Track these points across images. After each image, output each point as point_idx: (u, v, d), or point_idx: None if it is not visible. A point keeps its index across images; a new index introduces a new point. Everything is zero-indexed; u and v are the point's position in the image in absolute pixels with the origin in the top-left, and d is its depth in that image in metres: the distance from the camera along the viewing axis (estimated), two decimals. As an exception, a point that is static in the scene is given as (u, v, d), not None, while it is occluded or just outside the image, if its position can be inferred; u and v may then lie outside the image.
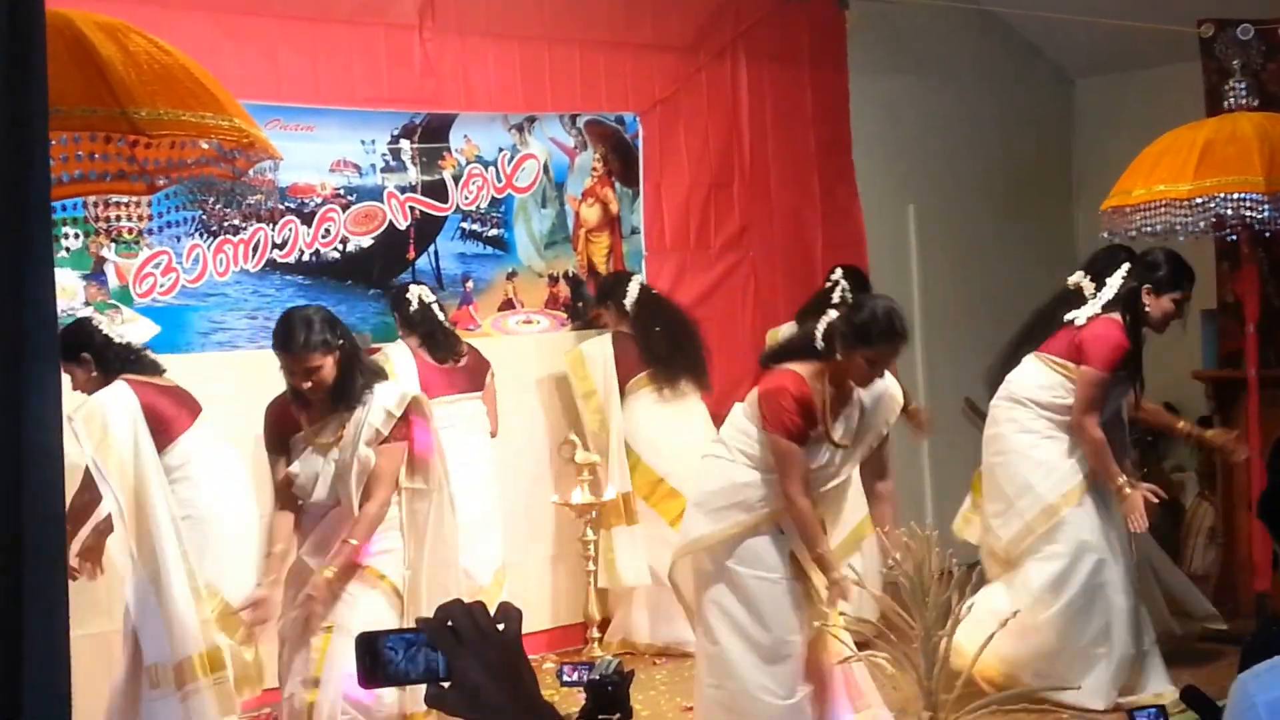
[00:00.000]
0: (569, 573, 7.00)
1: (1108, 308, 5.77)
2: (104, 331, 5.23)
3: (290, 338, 4.87)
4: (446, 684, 1.61)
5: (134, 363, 5.20)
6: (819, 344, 4.88)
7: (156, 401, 5.12)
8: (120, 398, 5.02)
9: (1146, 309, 5.69)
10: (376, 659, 1.61)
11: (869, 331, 4.74)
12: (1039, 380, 5.83)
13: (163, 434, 5.10)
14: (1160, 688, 5.63)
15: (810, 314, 5.62)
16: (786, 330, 6.48)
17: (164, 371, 5.30)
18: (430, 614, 1.64)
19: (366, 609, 4.86)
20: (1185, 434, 6.40)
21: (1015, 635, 5.28)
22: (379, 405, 4.95)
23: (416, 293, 6.49)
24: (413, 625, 1.64)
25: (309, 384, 4.87)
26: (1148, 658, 5.76)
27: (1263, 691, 2.22)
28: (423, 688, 1.63)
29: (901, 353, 4.91)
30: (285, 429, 5.07)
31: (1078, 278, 5.97)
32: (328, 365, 4.88)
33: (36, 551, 2.14)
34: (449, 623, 1.62)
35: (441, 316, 6.55)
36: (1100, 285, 5.84)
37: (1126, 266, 5.83)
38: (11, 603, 2.10)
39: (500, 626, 1.64)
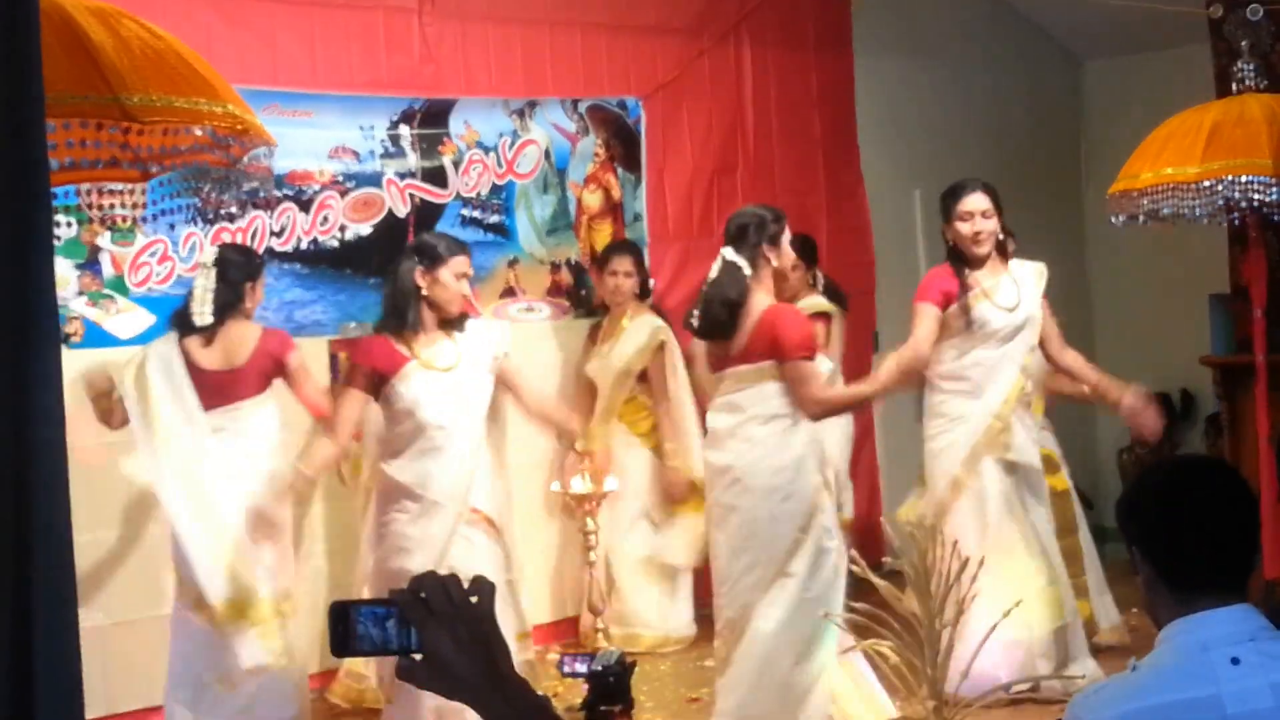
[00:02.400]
0: (572, 563, 6.95)
1: None
2: None
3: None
4: (418, 656, 1.61)
5: None
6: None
7: None
8: None
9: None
10: (349, 629, 1.61)
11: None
12: None
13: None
14: None
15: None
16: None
17: None
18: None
19: (482, 550, 5.07)
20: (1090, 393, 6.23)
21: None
22: (496, 334, 5.38)
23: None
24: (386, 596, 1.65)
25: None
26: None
27: (1089, 714, 2.25)
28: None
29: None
30: (395, 362, 5.15)
31: None
32: None
33: (43, 543, 2.12)
34: (422, 594, 1.61)
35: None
36: None
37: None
38: (21, 597, 2.07)
39: (473, 600, 1.63)
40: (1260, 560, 2.44)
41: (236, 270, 5.50)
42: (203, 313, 5.39)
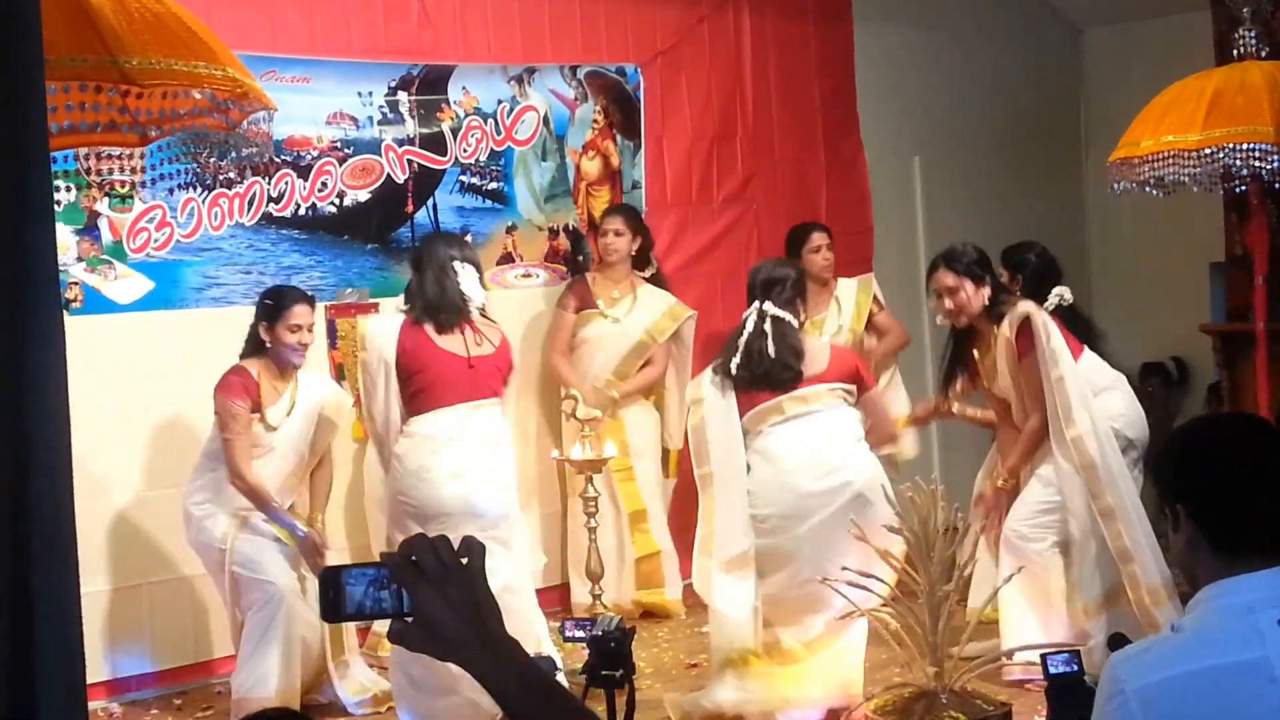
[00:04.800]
0: (575, 530, 6.94)
1: None
2: None
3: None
4: (409, 619, 1.61)
5: None
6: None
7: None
8: None
9: None
10: (340, 593, 1.61)
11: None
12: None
13: None
14: None
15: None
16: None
17: None
18: None
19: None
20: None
21: None
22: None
23: None
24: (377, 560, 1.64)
25: None
26: None
27: (1134, 678, 2.18)
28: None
29: None
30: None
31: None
32: None
33: (43, 505, 2.11)
34: (412, 557, 1.61)
35: None
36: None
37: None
38: (20, 558, 2.07)
39: (463, 560, 1.63)
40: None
41: None
42: None
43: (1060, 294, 6.01)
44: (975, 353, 5.69)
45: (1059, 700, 3.64)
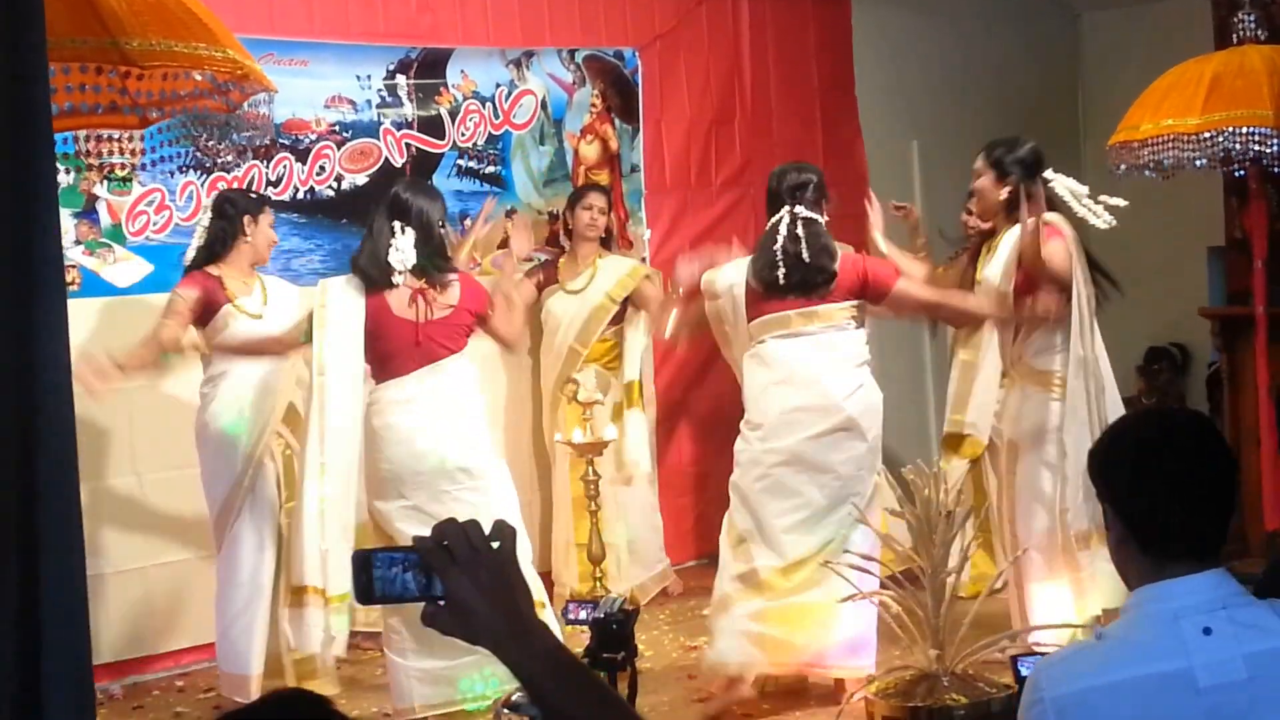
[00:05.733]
0: (544, 516, 6.94)
1: None
2: None
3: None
4: (441, 603, 1.61)
5: None
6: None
7: None
8: None
9: None
10: (371, 577, 1.62)
11: None
12: None
13: None
14: None
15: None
16: None
17: None
18: None
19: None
20: None
21: None
22: None
23: None
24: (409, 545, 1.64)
25: None
26: None
27: (1052, 686, 2.14)
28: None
29: None
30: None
31: None
32: None
33: (49, 487, 2.11)
34: (444, 541, 1.61)
35: None
36: None
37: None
38: (28, 541, 2.07)
39: (495, 545, 1.62)
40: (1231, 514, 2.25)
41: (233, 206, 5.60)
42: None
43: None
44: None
45: None
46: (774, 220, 5.33)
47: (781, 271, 5.22)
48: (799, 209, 5.28)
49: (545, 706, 1.62)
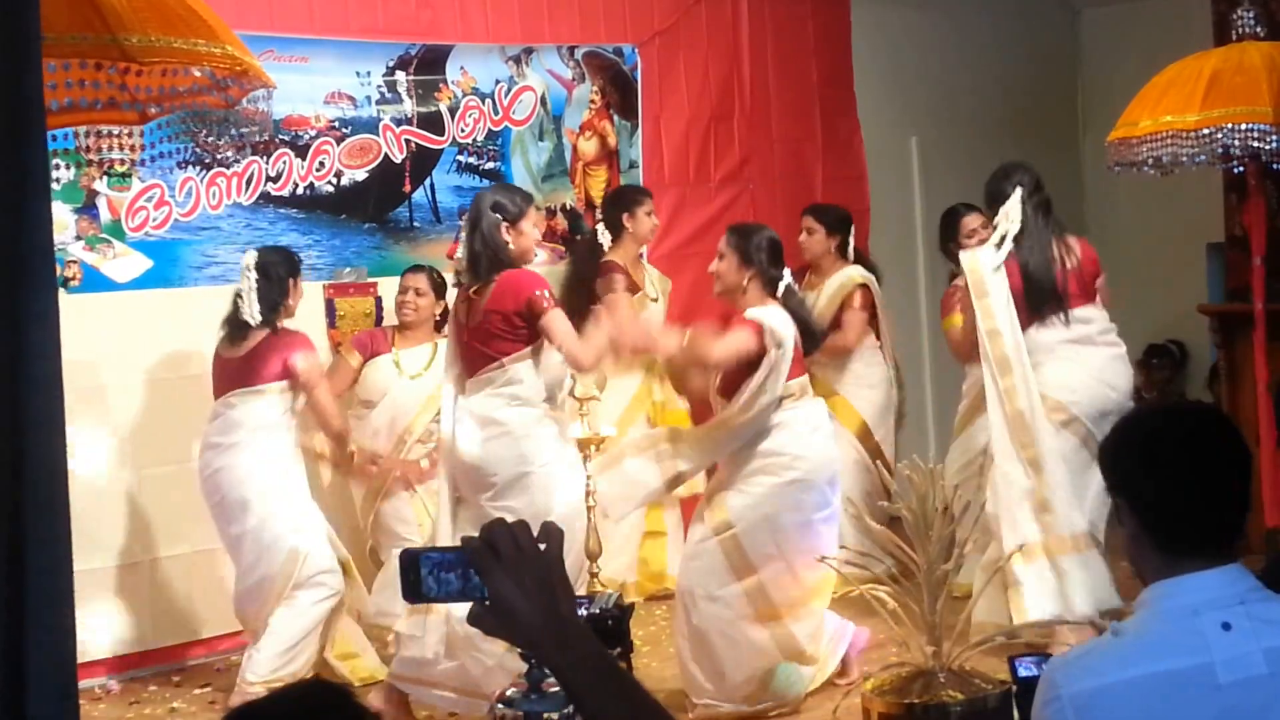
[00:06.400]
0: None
1: None
2: None
3: None
4: (487, 604, 1.61)
5: None
6: None
7: None
8: None
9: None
10: (419, 576, 1.63)
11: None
12: None
13: None
14: None
15: None
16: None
17: None
18: None
19: None
20: None
21: None
22: None
23: None
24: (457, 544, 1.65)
25: None
26: None
27: (1070, 683, 2.11)
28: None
29: None
30: None
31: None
32: None
33: (37, 479, 2.12)
34: (491, 542, 1.61)
35: None
36: None
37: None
38: (15, 531, 2.08)
39: (542, 546, 1.62)
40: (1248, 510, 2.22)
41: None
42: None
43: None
44: None
45: (1029, 703, 3.63)
46: (783, 284, 5.19)
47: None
48: (786, 273, 5.22)
49: (583, 710, 1.61)
